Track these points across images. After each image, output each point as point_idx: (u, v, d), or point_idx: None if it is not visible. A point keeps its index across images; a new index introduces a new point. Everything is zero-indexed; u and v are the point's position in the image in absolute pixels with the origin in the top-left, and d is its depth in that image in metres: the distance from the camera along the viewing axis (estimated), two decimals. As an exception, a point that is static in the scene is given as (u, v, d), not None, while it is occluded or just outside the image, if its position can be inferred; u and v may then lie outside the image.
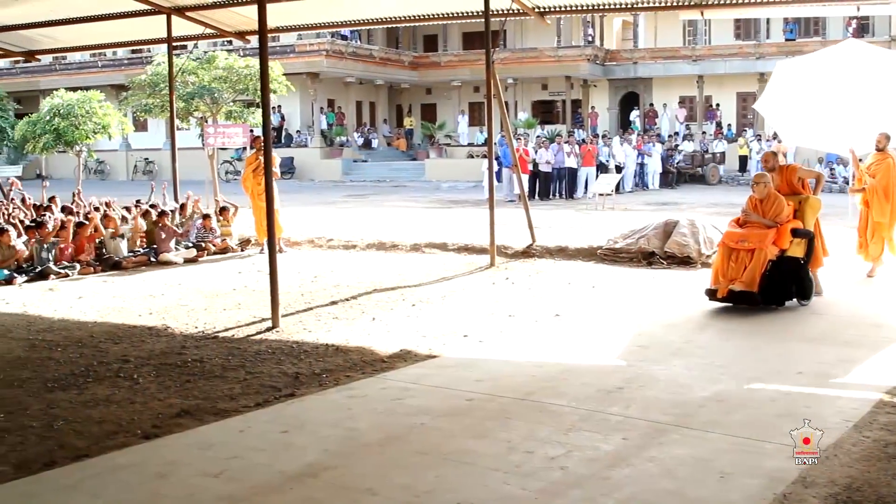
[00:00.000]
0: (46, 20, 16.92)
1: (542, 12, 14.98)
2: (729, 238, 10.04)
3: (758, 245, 9.70)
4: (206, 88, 24.17)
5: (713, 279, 9.95)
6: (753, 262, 9.62)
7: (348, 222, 20.25)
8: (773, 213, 9.94)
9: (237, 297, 11.56)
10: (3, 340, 9.20)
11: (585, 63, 44.09)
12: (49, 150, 25.53)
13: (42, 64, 45.50)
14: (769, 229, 9.83)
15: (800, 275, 9.97)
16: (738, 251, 9.81)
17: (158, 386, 7.29)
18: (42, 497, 5.03)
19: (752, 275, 9.58)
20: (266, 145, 10.28)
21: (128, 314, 10.53)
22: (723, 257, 9.94)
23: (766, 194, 10.04)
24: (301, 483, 5.10)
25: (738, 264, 9.74)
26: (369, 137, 47.45)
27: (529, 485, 4.98)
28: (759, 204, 10.10)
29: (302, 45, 42.28)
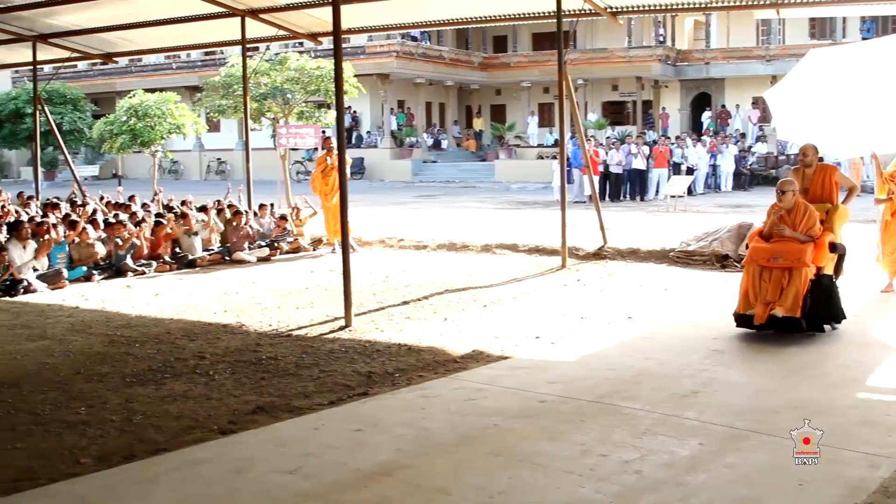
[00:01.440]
0: (124, 23, 17.24)
1: (615, 12, 14.87)
2: (758, 255, 8.75)
3: (797, 263, 8.47)
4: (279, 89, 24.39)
5: (742, 303, 8.70)
6: (794, 283, 8.41)
7: (419, 223, 20.30)
8: (805, 225, 8.73)
9: (310, 295, 11.67)
10: (83, 336, 9.41)
11: (656, 63, 43.70)
12: (125, 150, 26.03)
13: (119, 66, 46.37)
14: (805, 244, 8.57)
15: (833, 294, 8.82)
16: (771, 269, 8.59)
17: (234, 383, 7.39)
18: (122, 490, 5.12)
19: (796, 297, 8.37)
20: (339, 146, 10.35)
21: (203, 311, 10.69)
22: (752, 277, 8.67)
23: (795, 204, 8.83)
24: (375, 481, 5.13)
25: (773, 285, 8.51)
26: (439, 138, 47.54)
27: (604, 488, 4.95)
28: (787, 215, 8.82)
29: (372, 47, 42.51)
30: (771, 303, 8.46)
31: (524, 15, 16.05)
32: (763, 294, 8.53)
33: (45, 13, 16.54)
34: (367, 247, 16.58)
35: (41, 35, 18.42)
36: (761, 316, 8.47)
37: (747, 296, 8.66)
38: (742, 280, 8.82)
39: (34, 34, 18.36)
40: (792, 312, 8.36)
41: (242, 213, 16.04)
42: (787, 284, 8.44)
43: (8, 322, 10.35)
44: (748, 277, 8.72)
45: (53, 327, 9.95)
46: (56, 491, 5.15)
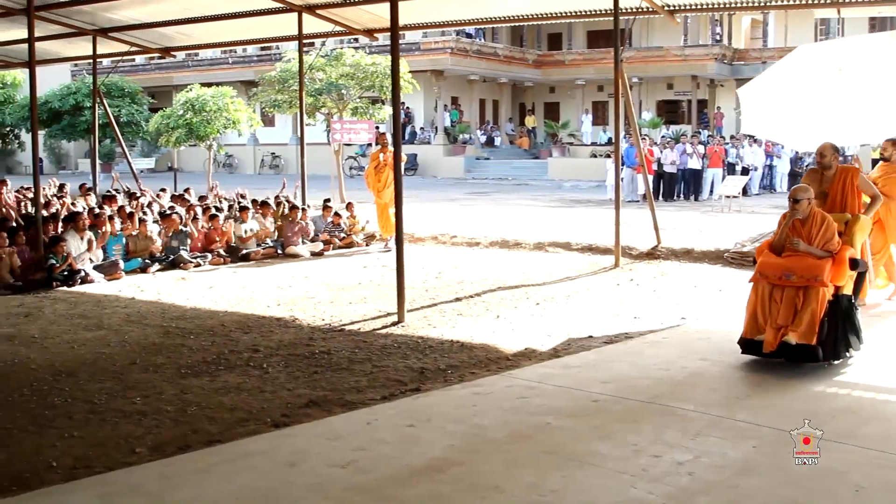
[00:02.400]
0: (182, 18, 17.40)
1: (672, 10, 14.74)
2: (768, 271, 7.66)
3: (813, 282, 7.41)
4: (334, 85, 24.56)
5: (749, 326, 7.61)
6: (809, 304, 7.35)
7: (471, 219, 20.29)
8: (823, 238, 7.64)
9: (362, 291, 11.71)
10: (138, 327, 9.52)
11: (712, 62, 43.31)
12: (181, 144, 26.30)
13: (175, 60, 46.95)
14: (822, 260, 7.51)
15: (851, 317, 7.73)
16: (783, 288, 7.52)
17: (287, 376, 7.44)
18: (177, 479, 5.17)
19: (811, 321, 7.31)
20: (395, 142, 10.37)
21: (257, 305, 10.77)
22: (761, 297, 7.61)
23: (810, 214, 7.74)
24: (428, 477, 5.13)
25: (786, 306, 7.44)
26: (492, 135, 47.50)
27: (657, 489, 4.91)
28: (800, 225, 7.74)
29: (427, 43, 42.57)
30: (783, 327, 7.40)
31: (581, 13, 15.97)
32: (774, 317, 7.47)
33: (105, 7, 16.74)
34: (419, 243, 16.61)
35: (101, 29, 18.65)
36: (772, 342, 7.38)
37: (756, 318, 7.57)
38: (749, 300, 7.71)
39: (95, 28, 18.60)
40: (807, 339, 7.28)
41: (297, 207, 16.14)
42: (802, 306, 7.39)
43: (66, 311, 10.51)
44: (756, 297, 7.63)
45: (110, 317, 10.09)
46: (112, 479, 5.21)
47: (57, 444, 5.82)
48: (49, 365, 7.91)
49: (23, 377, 7.52)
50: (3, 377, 7.53)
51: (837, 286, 7.55)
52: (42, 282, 12.32)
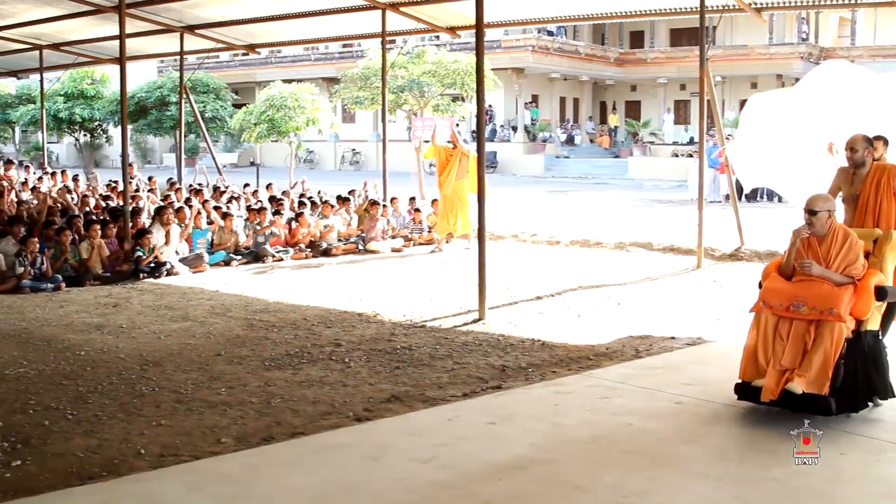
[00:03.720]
0: (267, 15, 17.62)
1: (759, 8, 14.52)
2: (774, 299, 6.22)
3: (827, 314, 5.95)
4: (415, 82, 24.63)
5: (746, 367, 6.22)
6: (821, 343, 5.91)
7: (551, 218, 20.23)
8: (844, 261, 6.19)
9: (443, 287, 11.74)
10: (223, 319, 9.67)
11: (798, 61, 42.52)
12: (263, 140, 26.63)
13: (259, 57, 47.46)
14: (840, 288, 6.05)
15: (879, 359, 6.31)
16: (791, 321, 6.09)
17: (369, 371, 7.49)
18: (262, 470, 5.23)
19: (824, 365, 5.89)
20: (479, 140, 10.40)
21: (338, 299, 10.86)
22: (764, 331, 6.17)
23: (830, 229, 6.30)
24: (509, 475, 5.12)
25: (793, 344, 6.01)
26: (572, 134, 47.29)
27: (742, 494, 4.83)
28: (817, 244, 6.33)
29: (508, 41, 42.53)
30: (788, 370, 5.98)
31: (666, 10, 15.81)
32: (778, 356, 6.05)
33: (192, 5, 17.02)
34: (499, 241, 16.59)
35: (188, 26, 18.97)
36: (772, 389, 5.96)
37: (755, 357, 6.16)
38: (749, 334, 6.28)
39: (182, 25, 18.92)
40: (817, 388, 5.88)
41: (378, 204, 16.25)
42: (813, 345, 5.95)
43: (152, 303, 10.72)
44: (758, 331, 6.20)
45: (195, 309, 10.26)
46: (199, 468, 5.30)
47: (145, 432, 5.93)
48: (137, 354, 8.08)
49: (111, 366, 7.68)
50: (93, 365, 7.70)
51: (859, 319, 6.10)
52: (129, 273, 12.59)
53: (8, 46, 21.80)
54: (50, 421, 6.17)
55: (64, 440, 5.78)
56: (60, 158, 49.25)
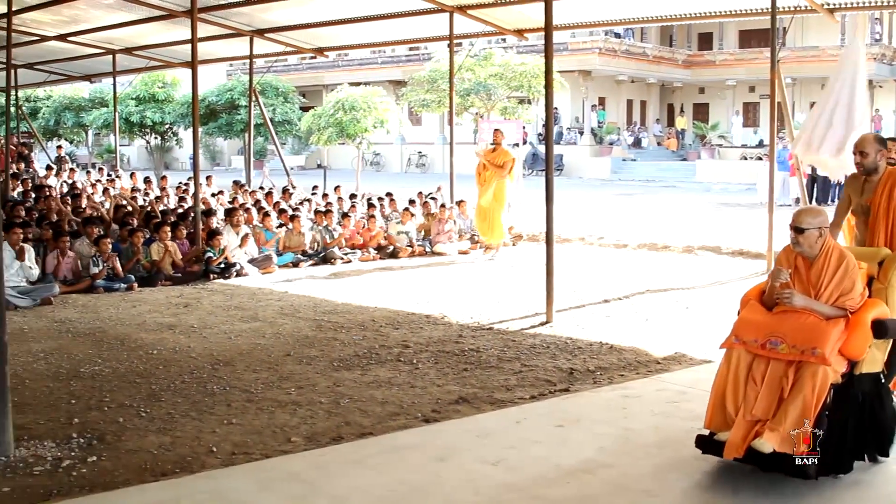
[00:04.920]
0: (335, 19, 17.76)
1: (832, 9, 14.31)
2: (747, 332, 5.20)
3: (809, 355, 4.89)
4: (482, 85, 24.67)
5: (712, 415, 5.21)
6: (800, 391, 4.84)
7: (618, 221, 20.10)
8: (837, 288, 5.12)
9: (510, 290, 11.73)
10: (291, 320, 9.76)
11: (871, 62, 41.67)
12: (331, 142, 26.83)
13: (326, 60, 47.82)
14: (827, 323, 4.98)
15: (878, 408, 5.16)
16: (766, 360, 5.04)
17: (437, 372, 7.51)
18: (332, 469, 5.28)
19: (801, 419, 4.79)
20: (547, 143, 10.43)
21: (406, 301, 10.90)
22: (734, 371, 5.14)
23: (823, 250, 5.21)
24: (578, 478, 5.10)
25: (768, 390, 4.96)
26: (639, 136, 46.96)
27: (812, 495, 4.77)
28: (806, 269, 5.28)
29: (575, 43, 42.35)
30: (760, 421, 4.93)
31: (736, 11, 15.66)
32: (749, 404, 4.99)
33: (262, 9, 17.23)
34: (566, 243, 16.53)
35: (258, 30, 19.19)
36: (737, 445, 4.90)
37: (723, 403, 5.14)
38: (718, 374, 5.26)
39: (251, 29, 19.15)
40: (790, 446, 4.77)
41: (446, 206, 16.28)
42: (791, 392, 4.89)
43: (223, 303, 10.86)
44: (728, 371, 5.17)
45: (264, 310, 10.37)
46: (270, 466, 5.37)
47: (216, 430, 6.02)
48: (208, 354, 8.19)
49: (183, 365, 7.80)
50: (165, 364, 7.83)
51: (851, 360, 5.01)
52: (199, 274, 12.78)
53: (83, 51, 22.22)
54: (124, 418, 6.29)
55: (138, 437, 5.88)
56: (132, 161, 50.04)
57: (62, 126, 36.33)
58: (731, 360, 5.17)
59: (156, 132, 33.35)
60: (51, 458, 5.51)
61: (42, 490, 5.02)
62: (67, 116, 35.68)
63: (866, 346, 5.01)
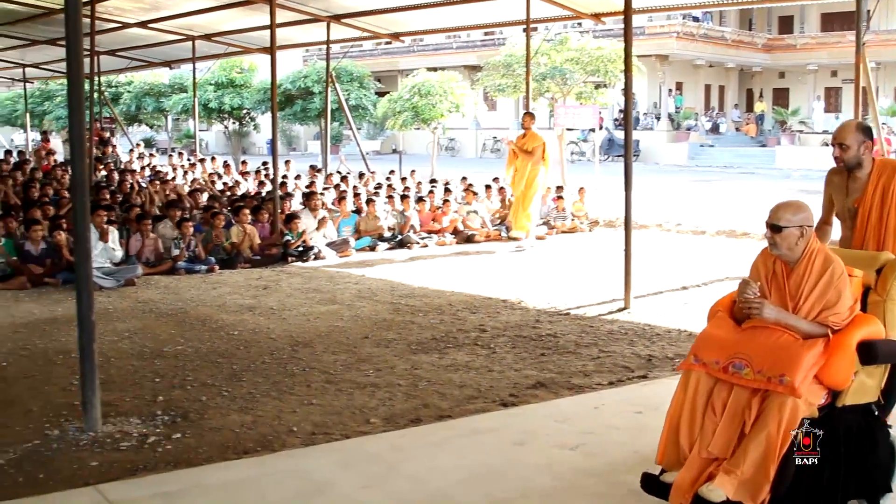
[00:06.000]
0: (411, 4, 17.76)
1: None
2: (708, 351, 4.25)
3: (776, 383, 3.98)
4: (558, 70, 24.50)
5: (663, 447, 4.34)
6: (763, 427, 3.96)
7: (696, 207, 19.86)
8: (820, 301, 4.20)
9: (587, 276, 11.68)
10: (369, 302, 9.84)
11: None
12: (407, 127, 26.90)
13: (402, 45, 47.91)
14: (803, 344, 4.09)
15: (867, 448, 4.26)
16: (729, 386, 4.14)
17: (514, 357, 7.51)
18: (410, 451, 5.31)
19: (763, 461, 3.92)
20: (626, 128, 10.39)
21: (482, 285, 10.91)
22: (692, 398, 4.23)
23: (805, 254, 4.29)
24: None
25: (729, 422, 4.08)
26: (717, 122, 46.31)
27: None
28: (785, 275, 4.36)
29: (652, 27, 41.87)
30: (716, 460, 4.08)
31: (821, -7, 15.33)
32: (706, 438, 4.12)
33: (339, -6, 17.33)
34: (643, 230, 16.39)
35: (335, 16, 19.26)
36: (684, 489, 4.06)
37: (676, 434, 4.26)
38: (673, 400, 4.34)
39: (329, 15, 19.23)
40: (750, 494, 3.94)
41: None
42: (753, 427, 4.00)
43: (301, 285, 10.98)
44: (685, 397, 4.26)
45: (342, 293, 10.47)
46: (348, 446, 5.43)
47: (297, 411, 6.09)
48: (287, 335, 8.29)
49: (263, 346, 7.91)
50: (246, 345, 7.95)
51: (834, 389, 4.14)
52: (278, 257, 12.93)
53: (163, 38, 22.53)
54: (207, 397, 6.41)
55: (220, 416, 5.99)
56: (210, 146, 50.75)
57: (143, 111, 37.00)
58: (688, 384, 4.25)
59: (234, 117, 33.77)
60: (136, 434, 5.64)
61: (129, 465, 5.14)
62: (148, 102, 36.35)
63: (850, 374, 4.10)
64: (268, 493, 4.72)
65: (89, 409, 5.70)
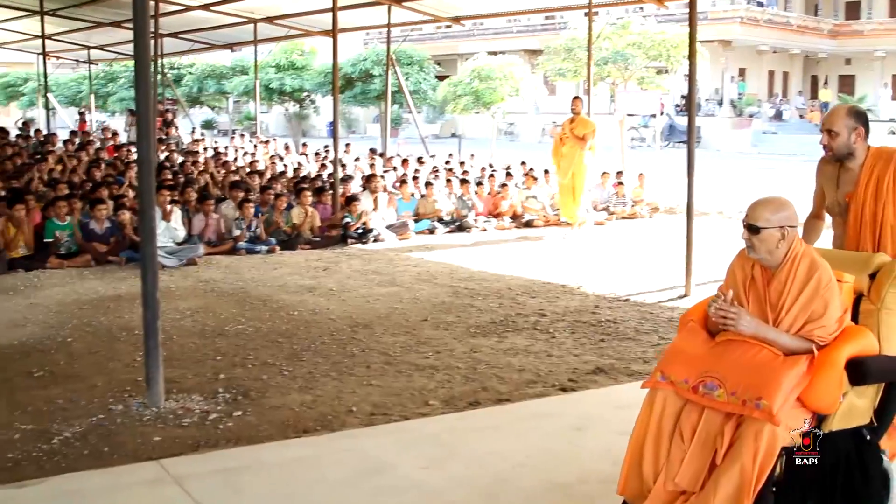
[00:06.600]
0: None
1: None
2: (677, 368, 3.75)
3: (751, 408, 3.46)
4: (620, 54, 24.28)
5: (625, 475, 3.80)
6: (737, 458, 3.43)
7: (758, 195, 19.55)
8: (804, 311, 3.68)
9: (647, 262, 11.59)
10: (428, 285, 9.86)
11: None
12: (467, 111, 26.84)
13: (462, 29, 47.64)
14: (786, 361, 3.57)
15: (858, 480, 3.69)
16: (700, 409, 3.62)
17: (574, 342, 7.48)
18: (468, 434, 5.32)
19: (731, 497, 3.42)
20: (689, 114, 10.24)
21: (541, 270, 10.88)
22: (658, 421, 3.72)
23: (787, 257, 3.77)
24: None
25: (699, 450, 3.56)
26: (780, 109, 45.66)
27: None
28: (764, 282, 3.85)
29: (715, 12, 41.40)
30: (683, 493, 3.58)
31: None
32: (672, 468, 3.61)
33: (402, -23, 17.32)
34: (704, 217, 16.20)
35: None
36: None
37: (640, 461, 3.74)
38: (637, 423, 3.83)
39: (391, -3, 19.26)
40: None
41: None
42: (726, 457, 3.47)
43: (360, 268, 11.03)
44: (650, 419, 3.75)
45: (401, 275, 10.50)
46: (408, 428, 5.46)
47: (356, 391, 6.13)
48: (347, 316, 8.34)
49: (323, 326, 7.96)
50: (306, 325, 8.00)
51: (819, 413, 3.60)
52: (338, 238, 13.00)
53: (225, 20, 22.71)
54: (268, 376, 6.47)
55: (281, 395, 6.04)
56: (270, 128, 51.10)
57: (204, 93, 37.34)
58: (653, 404, 3.74)
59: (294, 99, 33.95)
60: (198, 410, 5.71)
61: (191, 441, 5.21)
62: (209, 84, 36.65)
63: (838, 395, 3.56)
64: (328, 472, 4.76)
65: (153, 385, 5.79)
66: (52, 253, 11.06)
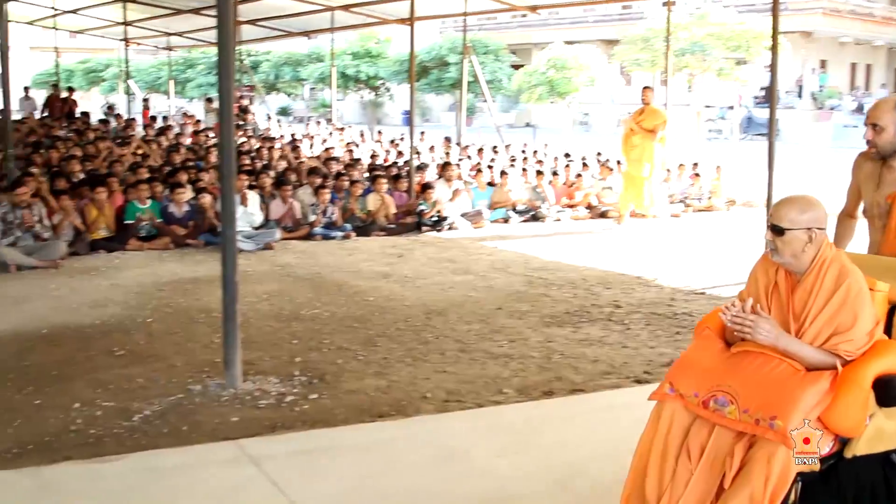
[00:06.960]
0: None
1: None
2: (686, 380, 3.42)
3: (765, 428, 3.12)
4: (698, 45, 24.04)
5: (628, 494, 3.45)
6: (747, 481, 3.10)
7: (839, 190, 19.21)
8: (830, 323, 3.31)
9: (723, 255, 11.44)
10: (503, 274, 9.85)
11: None
12: (542, 100, 26.78)
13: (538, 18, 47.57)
14: (807, 377, 3.23)
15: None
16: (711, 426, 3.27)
17: (649, 334, 7.43)
18: (543, 422, 5.33)
19: None
20: (770, 107, 10.15)
21: (616, 262, 10.80)
22: (664, 436, 3.38)
23: (815, 264, 3.41)
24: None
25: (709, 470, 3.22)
26: (863, 102, 44.70)
27: None
28: (789, 289, 3.48)
29: (796, 3, 40.63)
30: None
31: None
32: (677, 489, 3.28)
33: (483, -35, 17.28)
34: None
35: (476, -14, 19.26)
36: None
37: (643, 478, 3.40)
38: (642, 438, 3.50)
39: (468, -14, 19.23)
40: None
41: (659, 169, 16.03)
42: (735, 480, 3.15)
43: (435, 255, 11.07)
44: (655, 434, 3.43)
45: (475, 263, 10.51)
46: (482, 415, 5.47)
47: (430, 377, 6.15)
48: (421, 303, 8.37)
49: (398, 313, 8.00)
50: (381, 311, 8.05)
51: (842, 437, 3.25)
52: (412, 226, 13.06)
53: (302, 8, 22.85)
54: (343, 360, 6.52)
55: (356, 379, 6.09)
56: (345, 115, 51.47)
57: (280, 80, 37.71)
58: (660, 419, 3.43)
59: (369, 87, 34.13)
60: (275, 392, 5.78)
61: (267, 422, 5.28)
62: (286, 71, 37.01)
63: (863, 417, 3.21)
64: (402, 456, 4.79)
65: (230, 366, 5.87)
66: (132, 235, 11.27)
